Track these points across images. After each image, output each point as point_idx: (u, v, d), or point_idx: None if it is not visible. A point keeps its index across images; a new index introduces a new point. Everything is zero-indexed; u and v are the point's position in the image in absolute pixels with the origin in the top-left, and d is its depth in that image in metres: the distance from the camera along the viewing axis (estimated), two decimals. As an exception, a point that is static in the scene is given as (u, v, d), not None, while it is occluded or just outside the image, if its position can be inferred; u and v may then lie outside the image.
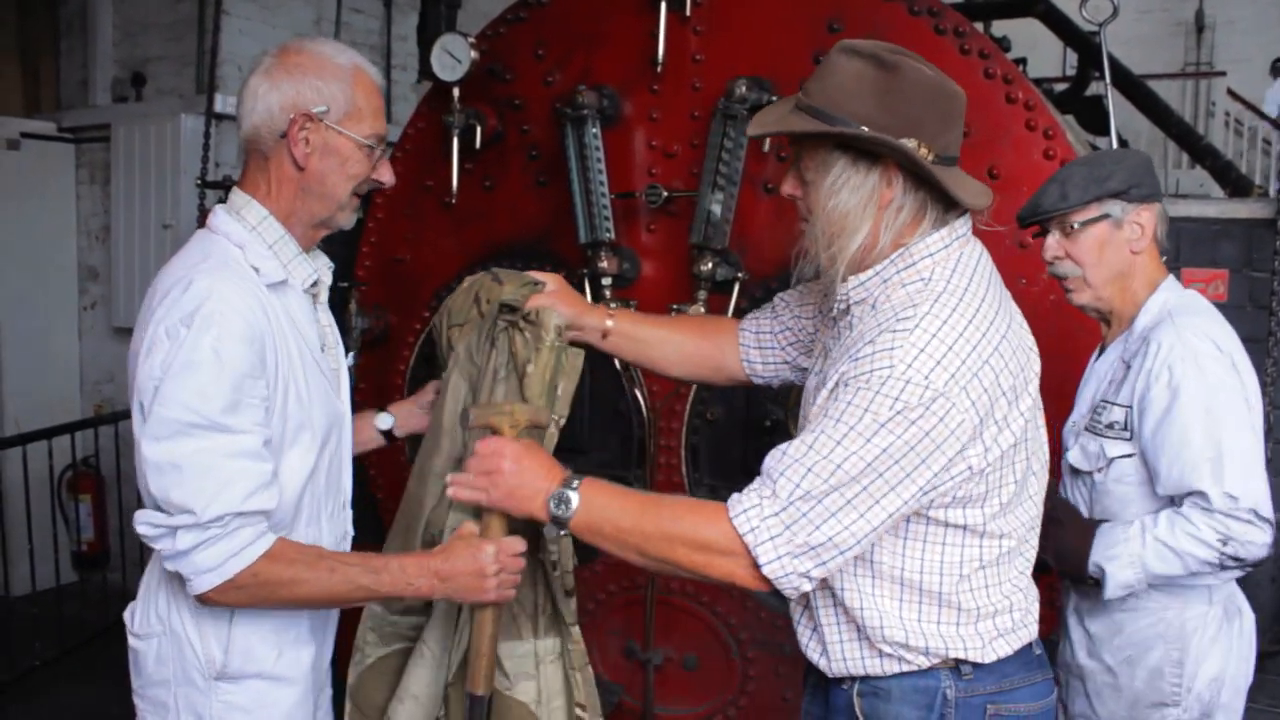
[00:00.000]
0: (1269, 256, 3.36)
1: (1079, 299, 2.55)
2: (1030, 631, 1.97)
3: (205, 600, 1.93)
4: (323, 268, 2.25)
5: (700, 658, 3.74)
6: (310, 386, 2.09)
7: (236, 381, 1.89)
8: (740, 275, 3.50)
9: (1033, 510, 1.96)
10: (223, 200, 2.19)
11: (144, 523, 1.91)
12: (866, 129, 1.76)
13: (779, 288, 3.48)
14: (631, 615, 3.82)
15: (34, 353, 6.41)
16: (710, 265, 3.47)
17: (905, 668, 1.92)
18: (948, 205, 1.89)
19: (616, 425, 3.81)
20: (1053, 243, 2.51)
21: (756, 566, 1.75)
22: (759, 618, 3.64)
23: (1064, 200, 2.44)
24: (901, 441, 1.70)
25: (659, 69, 3.56)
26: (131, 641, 2.13)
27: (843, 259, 1.86)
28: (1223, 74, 11.55)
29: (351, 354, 3.49)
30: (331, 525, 2.22)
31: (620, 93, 3.68)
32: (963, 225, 1.92)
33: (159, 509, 1.90)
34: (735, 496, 1.80)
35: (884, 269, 1.87)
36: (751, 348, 2.40)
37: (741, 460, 3.61)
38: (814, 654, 2.06)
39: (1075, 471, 2.55)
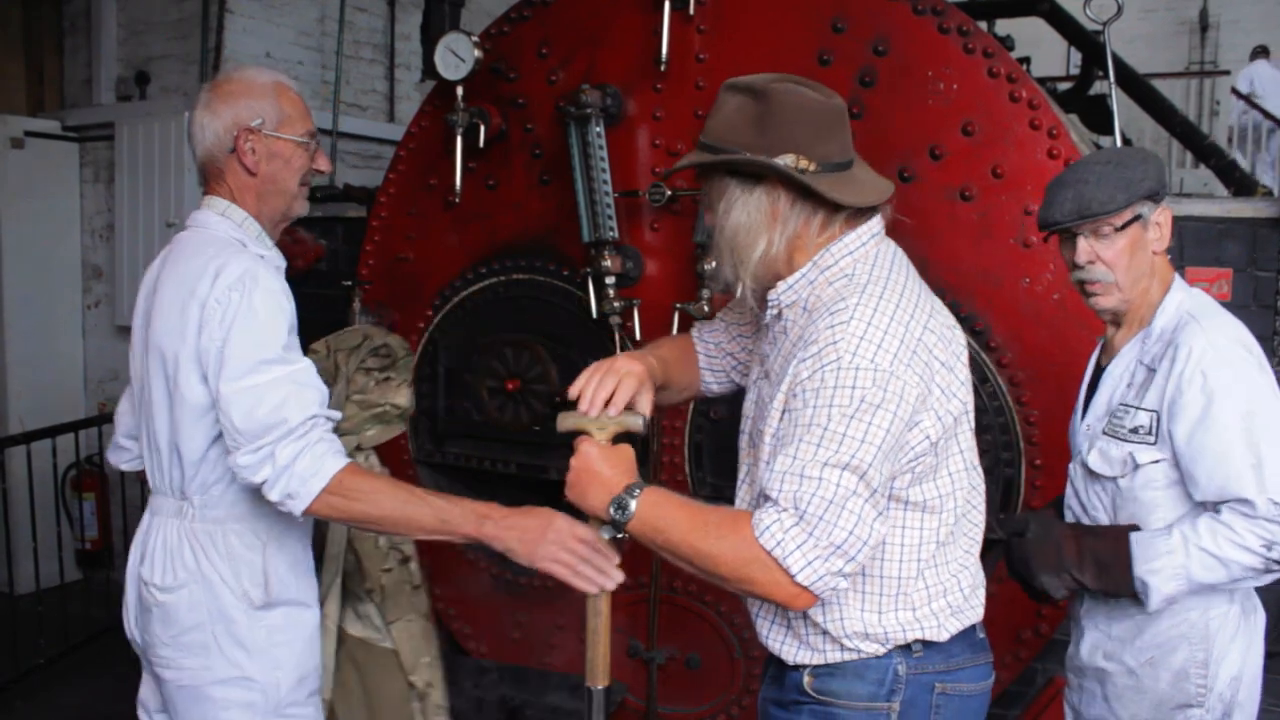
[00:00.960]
0: (1273, 255, 3.36)
1: (1106, 303, 2.46)
2: (976, 613, 2.06)
3: (309, 512, 2.20)
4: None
5: (703, 657, 3.74)
6: None
7: (288, 324, 2.26)
8: (744, 274, 3.50)
9: (975, 479, 2.08)
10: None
11: (245, 456, 2.16)
12: (746, 153, 1.95)
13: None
14: (635, 614, 3.83)
15: (38, 351, 6.41)
16: (714, 264, 3.46)
17: (863, 655, 2.01)
18: (848, 208, 2.02)
19: (620, 424, 3.82)
20: (1086, 247, 2.40)
21: (791, 579, 1.80)
22: (762, 617, 3.64)
23: (1110, 203, 2.34)
24: (875, 427, 1.81)
25: (663, 68, 3.57)
26: (158, 598, 2.32)
27: (745, 271, 2.02)
28: (1226, 73, 11.54)
29: None
30: None
31: (624, 91, 3.68)
32: (876, 224, 2.05)
33: (246, 446, 2.17)
34: (755, 515, 1.85)
35: (808, 271, 2.00)
36: (704, 369, 2.49)
37: (745, 459, 3.61)
38: (775, 644, 2.13)
39: (1094, 476, 2.48)
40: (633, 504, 1.98)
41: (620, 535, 2.05)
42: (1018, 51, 5.43)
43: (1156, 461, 2.35)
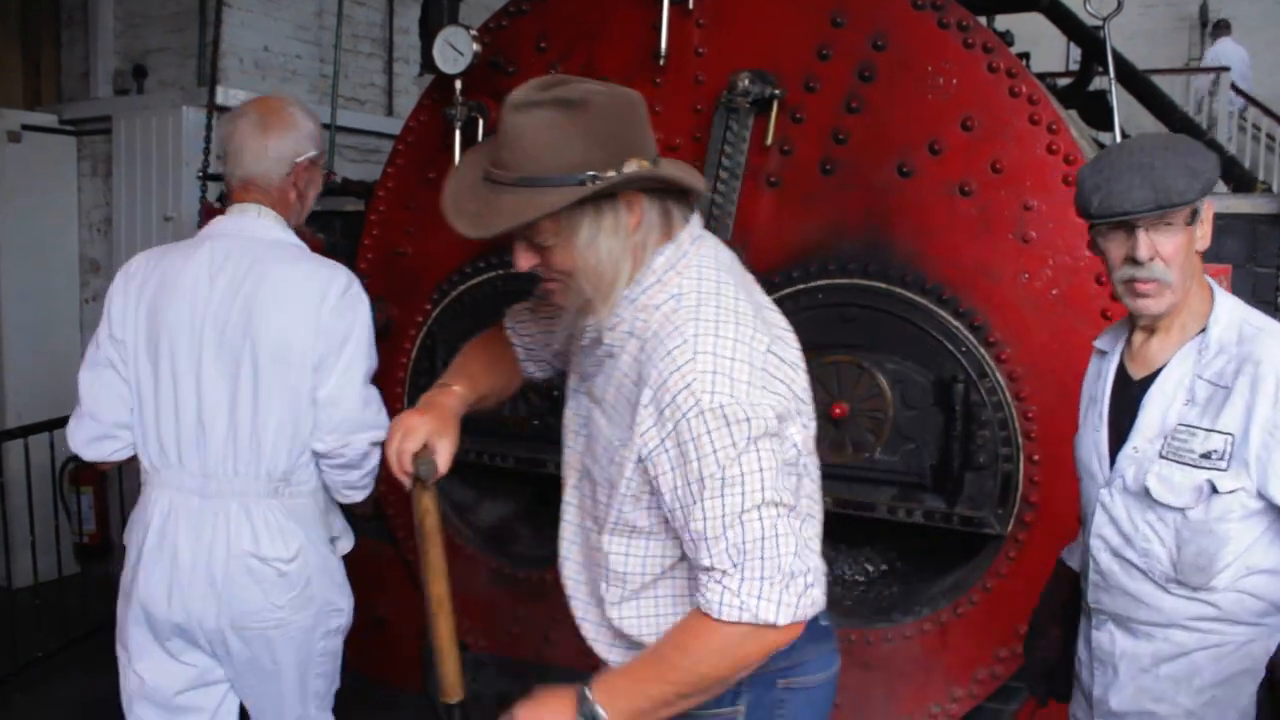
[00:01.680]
0: (1273, 252, 3.35)
1: (1158, 306, 2.15)
2: (818, 605, 1.85)
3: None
4: None
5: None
6: None
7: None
8: (742, 269, 3.50)
9: (813, 467, 2.02)
10: (225, 193, 2.65)
11: (363, 442, 2.63)
12: (594, 173, 1.76)
13: (781, 281, 3.50)
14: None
15: (36, 345, 6.39)
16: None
17: None
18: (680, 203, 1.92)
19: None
20: (1148, 241, 2.09)
21: (775, 627, 1.75)
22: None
23: (1188, 192, 2.07)
24: (763, 453, 1.75)
25: (661, 62, 3.56)
26: (283, 569, 2.63)
27: (616, 297, 1.86)
28: (1226, 69, 11.53)
29: None
30: None
31: (623, 86, 3.67)
32: (696, 227, 1.94)
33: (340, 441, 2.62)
34: (703, 601, 1.77)
35: (631, 292, 1.87)
36: (525, 360, 2.40)
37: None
38: (616, 660, 2.05)
39: (1152, 504, 2.18)
40: (600, 712, 1.81)
41: None
42: (1017, 47, 5.42)
43: (1234, 491, 2.09)
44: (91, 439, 2.68)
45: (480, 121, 3.78)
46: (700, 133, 3.54)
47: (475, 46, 3.71)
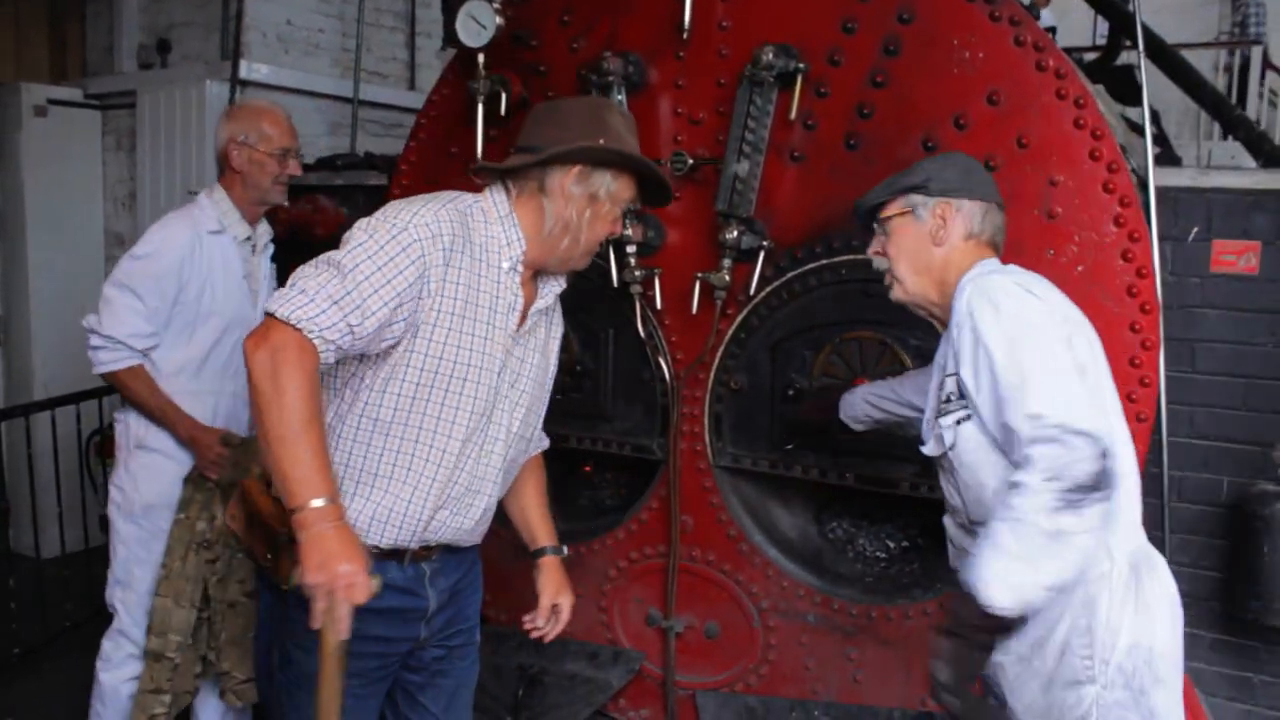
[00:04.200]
0: (1303, 228, 3.32)
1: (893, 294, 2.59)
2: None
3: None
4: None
5: (721, 626, 3.76)
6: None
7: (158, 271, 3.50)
8: (765, 243, 3.49)
9: None
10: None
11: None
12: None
13: (804, 256, 3.48)
14: (652, 583, 3.84)
15: (62, 318, 6.43)
16: (735, 233, 3.45)
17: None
18: None
19: (640, 394, 3.82)
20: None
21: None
22: (781, 586, 3.65)
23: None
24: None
25: (685, 35, 3.54)
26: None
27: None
28: (1258, 42, 11.34)
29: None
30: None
31: (646, 59, 3.65)
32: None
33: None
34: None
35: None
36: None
37: (766, 429, 3.61)
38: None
39: (940, 461, 2.41)
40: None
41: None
42: (1043, 21, 5.36)
43: (962, 422, 2.29)
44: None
45: (503, 95, 3.77)
46: (724, 107, 3.52)
47: (498, 20, 3.70)
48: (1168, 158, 4.22)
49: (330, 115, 6.69)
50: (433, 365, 2.25)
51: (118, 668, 3.57)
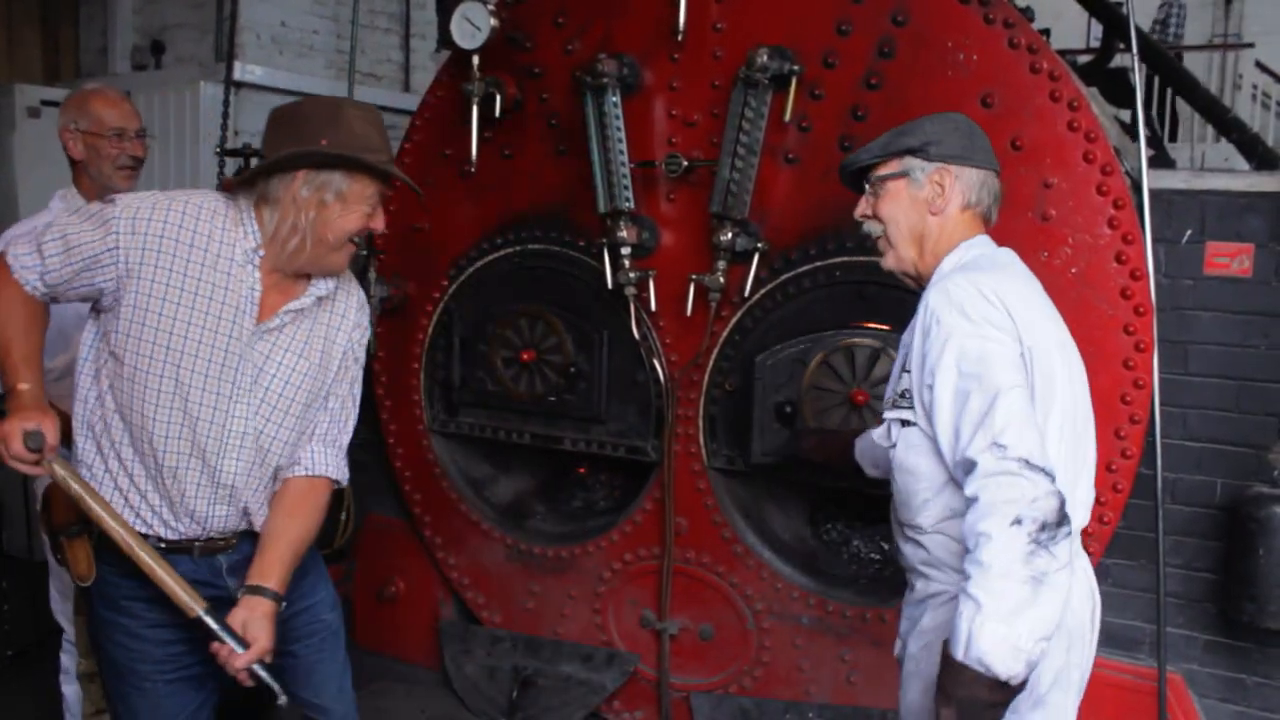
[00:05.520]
0: (1296, 230, 3.32)
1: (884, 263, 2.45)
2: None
3: None
4: None
5: (716, 627, 3.76)
6: None
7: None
8: (760, 245, 3.49)
9: None
10: (243, 167, 2.52)
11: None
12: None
13: (798, 258, 3.49)
14: (646, 585, 3.84)
15: (55, 319, 6.44)
16: (730, 235, 3.45)
17: None
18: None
19: (634, 395, 3.82)
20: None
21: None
22: (775, 588, 3.65)
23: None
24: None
25: (679, 37, 3.54)
26: None
27: None
28: (1251, 45, 11.36)
29: None
30: None
31: (640, 61, 3.65)
32: None
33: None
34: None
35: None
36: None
37: (759, 430, 3.61)
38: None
39: (889, 454, 2.32)
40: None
41: None
42: (1038, 23, 5.38)
43: (912, 424, 2.20)
44: None
45: (498, 97, 3.76)
46: (718, 109, 3.52)
47: (493, 22, 3.70)
48: (1162, 160, 4.23)
49: (325, 117, 6.67)
50: (134, 345, 2.34)
51: (75, 681, 3.48)
